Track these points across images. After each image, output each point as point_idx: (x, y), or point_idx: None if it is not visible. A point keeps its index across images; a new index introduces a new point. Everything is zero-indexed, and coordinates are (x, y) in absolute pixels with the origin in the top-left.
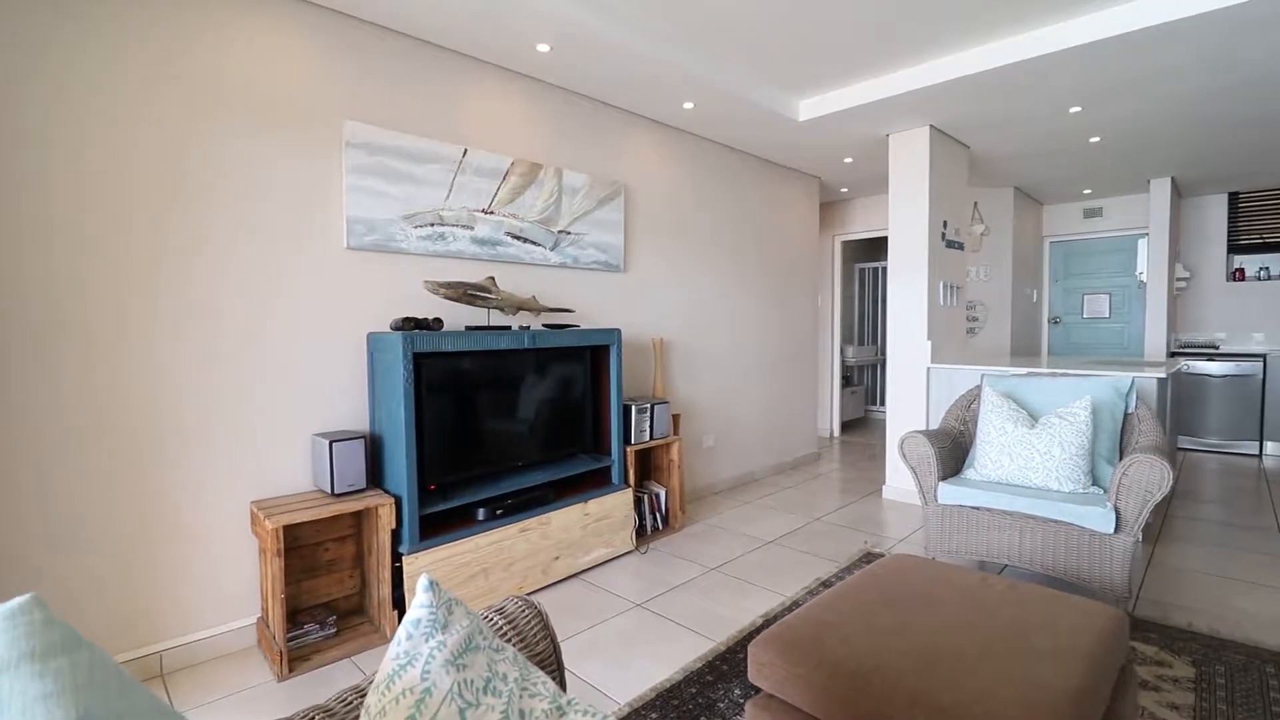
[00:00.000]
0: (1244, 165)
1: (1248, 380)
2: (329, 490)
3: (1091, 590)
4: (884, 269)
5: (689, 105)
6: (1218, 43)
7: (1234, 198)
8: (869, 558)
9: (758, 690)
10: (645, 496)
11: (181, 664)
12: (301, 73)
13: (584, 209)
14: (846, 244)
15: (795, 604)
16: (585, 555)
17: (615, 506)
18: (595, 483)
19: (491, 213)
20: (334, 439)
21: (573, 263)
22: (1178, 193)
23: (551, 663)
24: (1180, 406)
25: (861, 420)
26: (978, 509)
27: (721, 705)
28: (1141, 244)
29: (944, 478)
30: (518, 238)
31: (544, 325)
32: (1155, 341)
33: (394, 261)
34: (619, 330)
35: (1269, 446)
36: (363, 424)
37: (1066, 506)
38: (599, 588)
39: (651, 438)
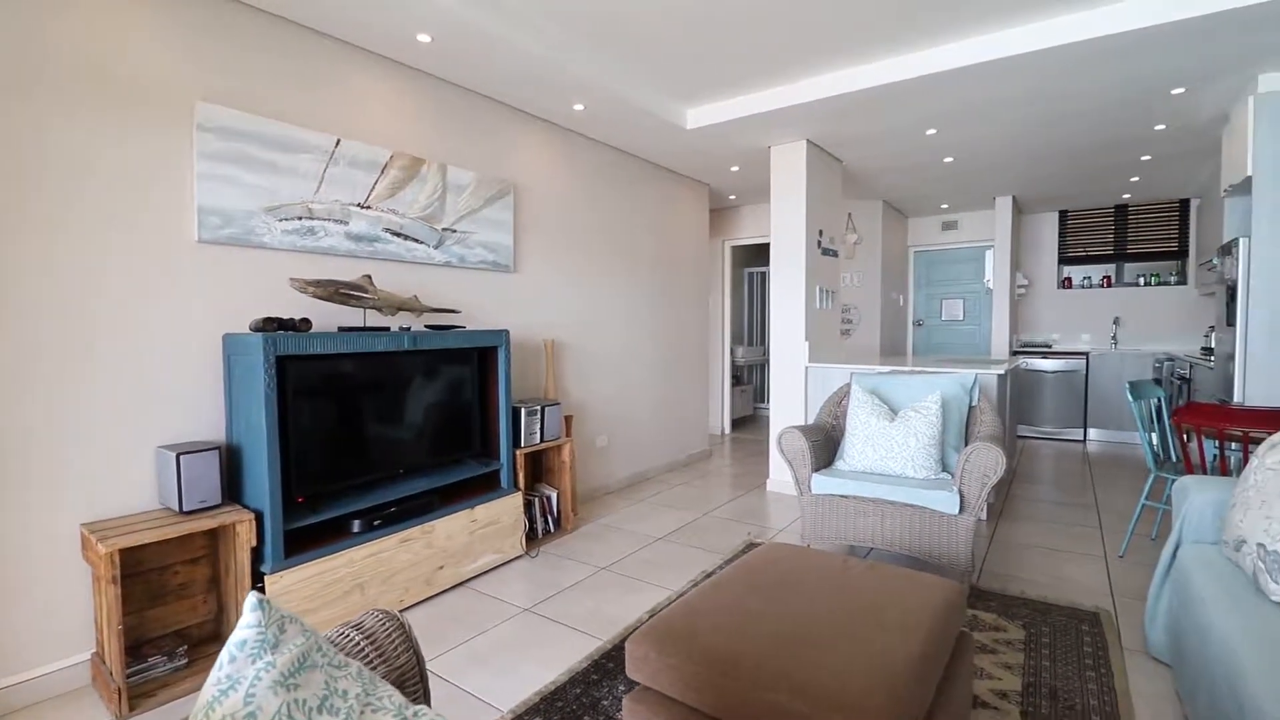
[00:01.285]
0: (1070, 188)
1: (1074, 375)
2: (177, 508)
3: (941, 566)
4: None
5: (579, 107)
6: (1046, 78)
7: (1064, 215)
8: (751, 548)
9: (636, 684)
10: (536, 499)
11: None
12: (145, 47)
13: (471, 207)
14: (736, 249)
15: (680, 597)
16: (472, 563)
17: (504, 511)
18: (483, 487)
19: (368, 207)
20: (182, 451)
21: (459, 262)
22: (1018, 210)
23: (414, 676)
24: (1020, 399)
25: (751, 417)
26: (846, 497)
27: (605, 703)
28: (989, 255)
29: (817, 469)
30: (398, 234)
31: (427, 326)
32: (1000, 341)
33: (255, 257)
34: (507, 331)
35: (1091, 433)
36: (219, 434)
37: (919, 491)
38: (486, 595)
39: (542, 440)
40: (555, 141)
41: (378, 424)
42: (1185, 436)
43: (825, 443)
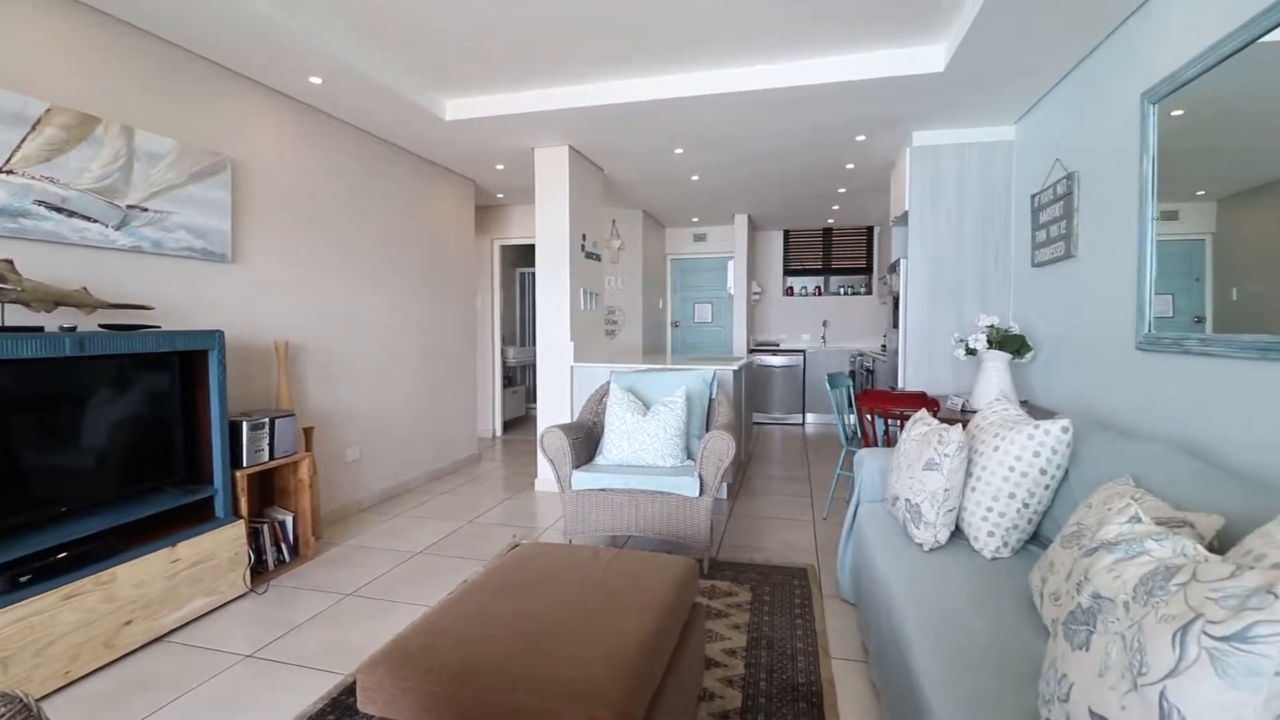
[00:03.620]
0: (790, 210)
1: (795, 369)
2: None
3: (687, 546)
4: None
5: (316, 80)
6: (761, 116)
7: (787, 234)
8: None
9: (370, 718)
10: (266, 526)
11: None
12: None
13: (170, 181)
14: (506, 248)
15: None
16: (175, 611)
17: (220, 544)
18: (192, 519)
19: (10, 172)
20: None
21: (153, 247)
22: (753, 227)
23: None
24: (754, 390)
25: (524, 418)
26: (604, 490)
27: None
28: (730, 265)
29: (578, 466)
30: (59, 209)
31: (102, 326)
32: (740, 341)
33: None
34: (221, 332)
35: (809, 417)
36: None
37: (666, 479)
38: (196, 647)
39: (272, 457)
40: (293, 118)
41: (31, 452)
42: (865, 417)
43: (587, 440)
